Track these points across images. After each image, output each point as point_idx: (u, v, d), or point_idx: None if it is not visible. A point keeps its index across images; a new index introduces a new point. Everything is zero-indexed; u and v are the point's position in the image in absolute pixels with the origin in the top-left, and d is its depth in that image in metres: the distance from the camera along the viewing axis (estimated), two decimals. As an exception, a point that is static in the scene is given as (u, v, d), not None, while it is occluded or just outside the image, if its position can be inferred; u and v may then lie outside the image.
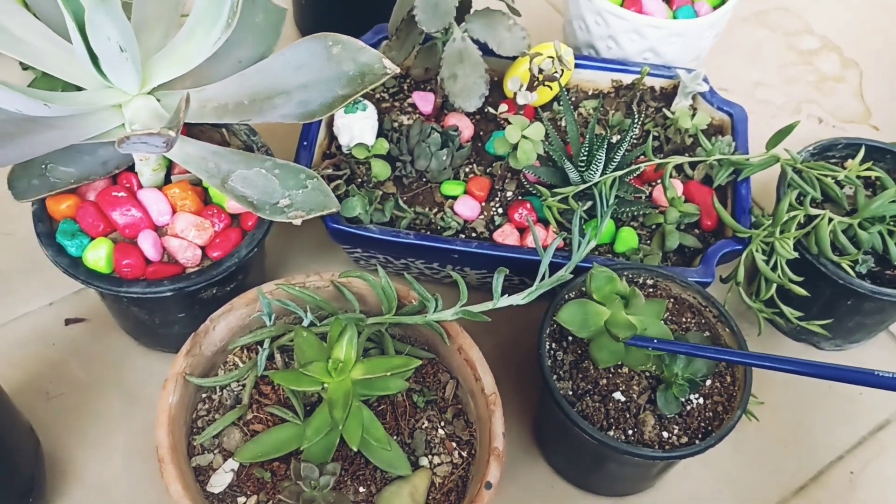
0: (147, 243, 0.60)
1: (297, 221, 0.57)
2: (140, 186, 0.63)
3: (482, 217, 0.70)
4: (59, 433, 0.66)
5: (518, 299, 0.56)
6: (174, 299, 0.62)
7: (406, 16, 0.67)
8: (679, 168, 0.73)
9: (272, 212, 0.57)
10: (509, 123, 0.66)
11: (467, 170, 0.73)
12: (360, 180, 0.70)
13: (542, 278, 0.56)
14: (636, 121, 0.67)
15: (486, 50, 0.71)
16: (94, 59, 0.51)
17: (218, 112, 0.56)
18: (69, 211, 0.62)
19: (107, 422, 0.68)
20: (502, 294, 0.55)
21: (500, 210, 0.70)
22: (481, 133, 0.75)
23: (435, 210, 0.70)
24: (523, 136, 0.65)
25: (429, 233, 0.68)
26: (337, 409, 0.46)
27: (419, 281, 0.55)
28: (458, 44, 0.68)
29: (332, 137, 0.73)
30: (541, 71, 0.71)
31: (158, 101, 0.56)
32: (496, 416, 0.53)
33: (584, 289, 0.61)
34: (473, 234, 0.69)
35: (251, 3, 0.60)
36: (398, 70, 0.54)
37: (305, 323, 0.56)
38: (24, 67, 0.88)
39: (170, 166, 0.64)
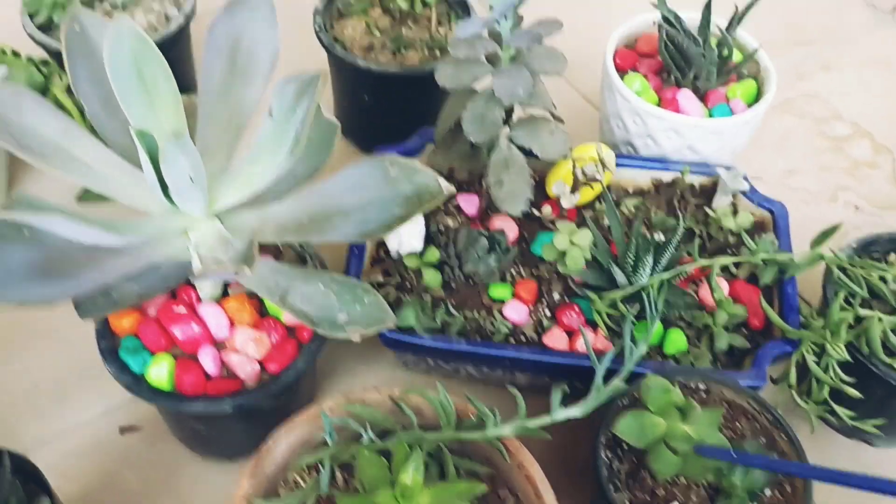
0: (207, 359, 0.61)
1: (356, 337, 0.58)
2: (199, 300, 0.64)
3: (531, 320, 0.70)
4: (116, 546, 0.67)
5: (576, 412, 0.56)
6: (233, 413, 0.62)
7: (453, 125, 0.69)
8: (723, 266, 0.73)
9: (331, 328, 0.58)
10: (556, 228, 0.67)
11: (513, 271, 0.74)
12: (408, 285, 0.71)
13: (597, 386, 0.57)
14: (681, 223, 0.68)
15: (527, 152, 0.73)
16: (163, 187, 0.53)
17: (278, 231, 0.58)
18: (131, 327, 0.63)
19: (160, 533, 0.68)
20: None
21: (548, 313, 0.71)
22: (525, 234, 0.76)
23: (483, 313, 0.71)
24: (571, 243, 0.66)
25: (479, 337, 0.69)
26: (409, 538, 0.46)
27: (468, 383, 0.55)
28: (503, 152, 0.70)
29: (380, 242, 0.75)
30: (584, 173, 0.73)
31: (222, 222, 0.57)
32: (560, 535, 0.52)
33: (636, 395, 0.61)
34: (523, 338, 0.70)
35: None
36: (454, 191, 0.55)
37: (365, 440, 0.57)
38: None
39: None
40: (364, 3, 0.90)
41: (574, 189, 0.73)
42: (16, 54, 0.83)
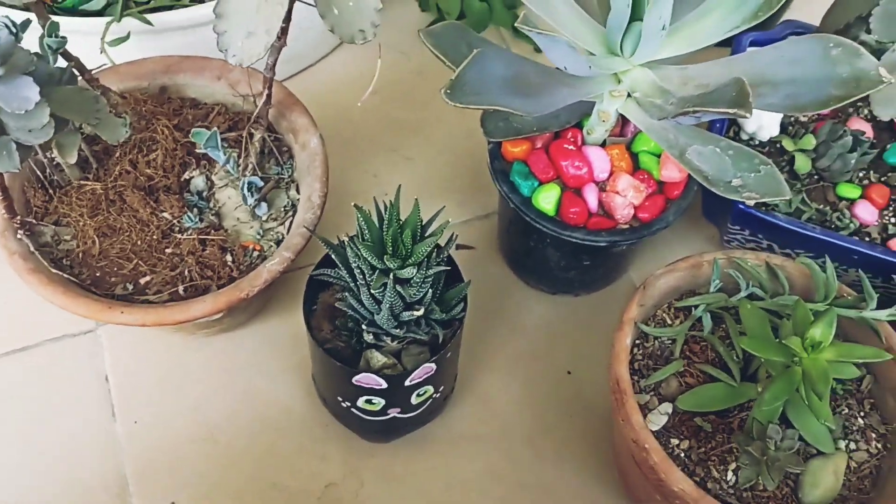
0: (591, 196, 0.67)
1: (751, 202, 0.62)
2: (583, 143, 0.69)
3: (878, 223, 0.72)
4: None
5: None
6: (597, 248, 0.68)
7: (851, 20, 0.70)
8: None
9: (726, 189, 0.61)
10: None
11: (861, 174, 0.75)
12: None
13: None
14: None
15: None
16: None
17: (699, 91, 0.61)
18: (521, 154, 0.69)
19: (489, 344, 0.76)
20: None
21: (894, 220, 0.73)
22: (875, 140, 0.77)
23: (828, 208, 0.73)
24: (956, 156, 0.67)
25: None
26: (819, 383, 0.51)
27: None
28: (894, 55, 0.70)
29: (733, 122, 0.77)
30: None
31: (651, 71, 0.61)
32: (927, 417, 0.56)
33: None
34: (867, 239, 0.72)
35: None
36: (893, 80, 0.57)
37: (742, 294, 0.62)
38: (423, 9, 0.97)
39: (608, 129, 0.70)
40: None
41: (946, 104, 0.73)
42: None
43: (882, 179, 0.75)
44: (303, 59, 0.90)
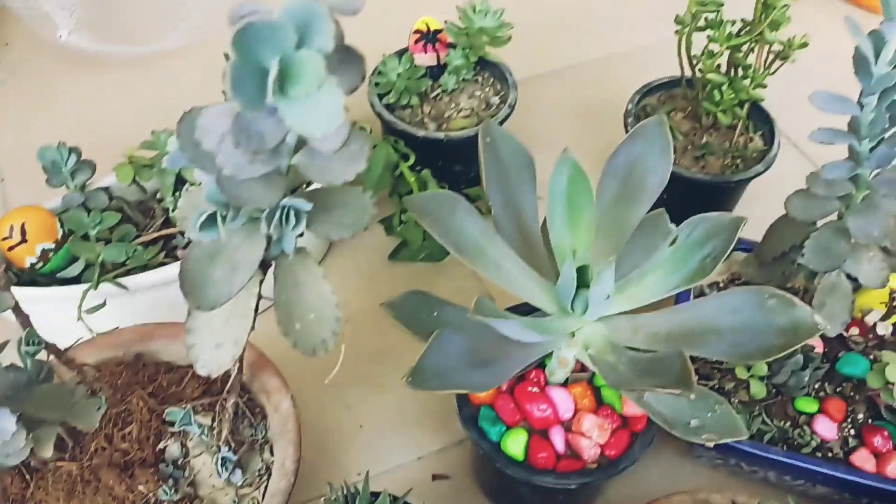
0: (558, 438, 0.69)
1: (710, 444, 0.64)
2: (546, 383, 0.72)
3: (837, 438, 0.74)
4: (440, 588, 0.75)
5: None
6: (568, 489, 0.70)
7: (787, 248, 0.74)
8: None
9: (685, 432, 0.64)
10: (878, 359, 0.71)
11: (816, 386, 0.78)
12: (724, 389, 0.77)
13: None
14: None
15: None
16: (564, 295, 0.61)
17: (649, 340, 0.65)
18: (488, 399, 0.71)
19: (473, 580, 0.76)
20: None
21: (853, 431, 0.75)
22: (827, 350, 0.80)
23: (788, 424, 0.75)
24: (900, 376, 0.70)
25: (785, 447, 0.74)
26: None
27: (759, 484, 0.58)
28: (832, 278, 0.74)
29: (688, 341, 0.81)
30: (897, 303, 0.77)
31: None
32: None
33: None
34: (829, 455, 0.74)
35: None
36: (829, 327, 0.60)
37: (713, 539, 0.63)
38: (388, 234, 1.02)
39: (570, 366, 0.73)
40: (667, 107, 0.97)
41: (887, 316, 0.77)
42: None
43: (837, 390, 0.78)
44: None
